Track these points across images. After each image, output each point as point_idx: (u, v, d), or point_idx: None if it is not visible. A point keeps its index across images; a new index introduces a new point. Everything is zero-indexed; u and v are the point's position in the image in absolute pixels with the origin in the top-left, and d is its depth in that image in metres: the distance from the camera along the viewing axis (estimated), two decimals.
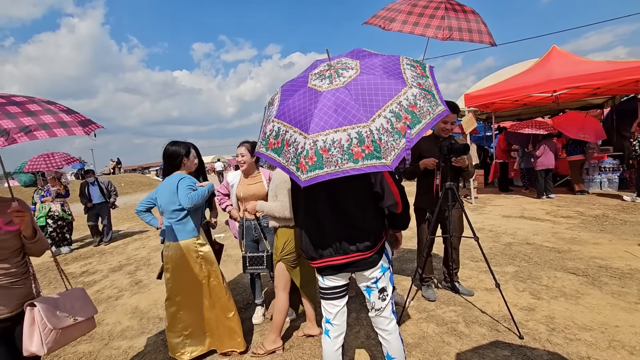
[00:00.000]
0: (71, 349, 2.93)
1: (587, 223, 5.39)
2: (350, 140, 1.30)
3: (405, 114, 1.33)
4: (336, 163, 1.30)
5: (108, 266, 5.49)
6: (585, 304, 2.88)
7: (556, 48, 7.89)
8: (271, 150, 1.47)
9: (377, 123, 1.31)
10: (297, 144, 1.37)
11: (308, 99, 1.43)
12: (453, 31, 2.91)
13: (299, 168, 1.34)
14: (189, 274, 2.40)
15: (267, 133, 1.51)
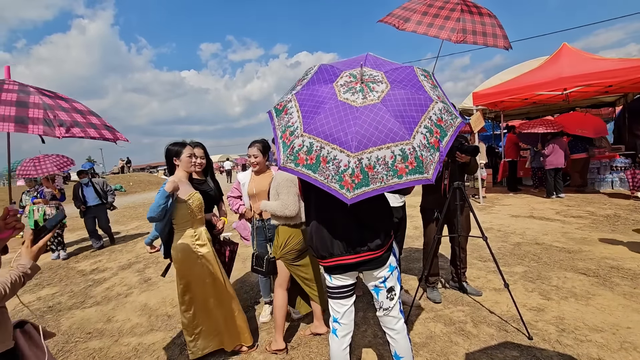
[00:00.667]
0: (82, 345, 2.98)
1: (598, 223, 5.31)
2: (395, 158, 1.33)
3: (435, 129, 1.40)
4: (382, 179, 1.32)
5: (117, 264, 5.56)
6: (596, 305, 2.84)
7: (567, 45, 7.78)
8: (302, 166, 1.41)
9: (417, 140, 1.36)
10: (339, 161, 1.34)
11: (343, 114, 1.40)
12: (467, 34, 2.89)
13: (344, 186, 1.33)
14: (193, 275, 2.42)
15: (296, 148, 1.42)
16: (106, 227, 7.00)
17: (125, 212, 12.40)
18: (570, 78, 6.71)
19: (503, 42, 3.01)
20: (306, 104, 1.49)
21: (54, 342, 3.09)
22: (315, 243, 1.76)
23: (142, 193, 21.47)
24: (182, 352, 2.73)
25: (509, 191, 9.21)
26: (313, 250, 1.80)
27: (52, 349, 2.97)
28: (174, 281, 4.28)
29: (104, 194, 6.82)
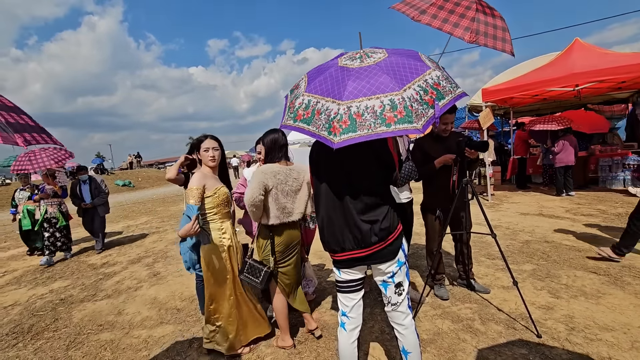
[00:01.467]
0: (94, 337, 3.05)
1: (610, 221, 5.23)
2: (383, 107, 1.36)
3: (431, 90, 1.43)
4: (369, 127, 1.35)
5: (127, 258, 5.65)
6: (606, 304, 2.81)
7: (579, 40, 7.63)
8: (299, 121, 1.49)
9: (408, 93, 1.39)
10: (330, 110, 1.41)
11: (340, 74, 1.50)
12: (479, 35, 2.89)
13: (332, 132, 1.37)
14: (217, 269, 2.44)
15: (297, 106, 1.53)
16: (98, 229, 6.28)
17: (134, 207, 12.56)
18: (583, 74, 6.59)
19: (510, 47, 3.07)
20: (312, 75, 1.63)
21: (67, 333, 3.16)
22: (326, 237, 1.77)
23: (151, 189, 21.71)
24: (191, 345, 2.77)
25: (517, 189, 9.12)
26: (324, 245, 1.81)
27: (64, 340, 3.04)
28: (182, 275, 4.37)
29: (96, 194, 6.19)
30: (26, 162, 5.62)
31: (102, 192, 6.26)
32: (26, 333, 3.25)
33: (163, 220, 9.17)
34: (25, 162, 5.63)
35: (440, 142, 2.98)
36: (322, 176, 1.74)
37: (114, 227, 8.77)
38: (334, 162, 1.69)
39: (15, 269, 5.56)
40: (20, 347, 3.00)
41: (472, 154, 2.78)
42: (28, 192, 6.11)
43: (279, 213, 2.37)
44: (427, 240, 3.23)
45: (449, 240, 4.19)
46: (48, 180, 5.75)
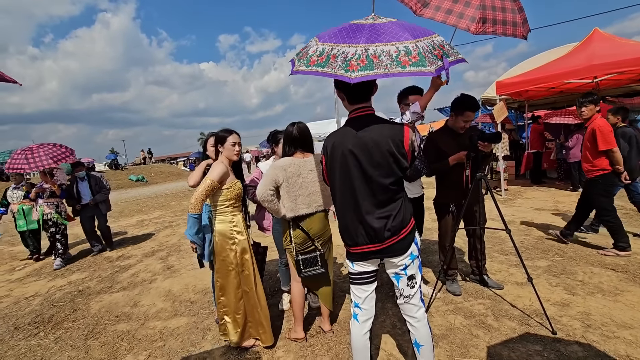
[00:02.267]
0: (111, 328, 3.13)
1: (628, 217, 5.09)
2: (399, 52, 1.45)
3: (438, 49, 1.56)
4: (385, 67, 1.41)
5: (142, 251, 5.77)
6: (624, 301, 2.74)
7: (598, 31, 7.37)
8: (313, 65, 1.52)
9: (420, 44, 1.50)
10: (347, 53, 1.47)
11: (355, 28, 1.59)
12: (487, 23, 2.75)
13: (349, 69, 1.42)
14: (225, 260, 2.47)
15: (310, 54, 1.57)
16: (104, 228, 5.98)
17: (148, 202, 12.79)
18: (602, 65, 6.37)
19: (522, 30, 2.86)
20: (324, 35, 1.67)
21: (85, 324, 3.26)
22: (341, 231, 1.79)
23: (163, 184, 22.05)
24: (204, 336, 2.82)
25: (532, 184, 8.95)
26: (342, 237, 1.83)
27: (83, 330, 3.14)
28: (195, 269, 4.44)
29: (97, 191, 5.74)
30: (22, 160, 5.11)
31: (103, 188, 5.84)
32: (47, 323, 3.36)
33: (176, 214, 9.31)
34: (21, 160, 5.11)
35: (454, 138, 2.93)
36: (336, 170, 1.73)
37: (128, 220, 8.95)
38: (348, 157, 1.68)
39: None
40: (42, 336, 3.11)
41: (485, 147, 2.73)
42: (23, 191, 5.67)
43: (294, 205, 2.38)
44: (440, 235, 3.20)
45: (461, 236, 4.15)
46: (46, 178, 5.33)
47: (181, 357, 2.58)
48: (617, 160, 3.72)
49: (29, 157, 5.11)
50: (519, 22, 2.86)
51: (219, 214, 2.46)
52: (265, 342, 2.56)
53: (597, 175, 3.85)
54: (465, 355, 2.26)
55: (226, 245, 2.44)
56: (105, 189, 5.88)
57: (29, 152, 5.15)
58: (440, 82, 2.88)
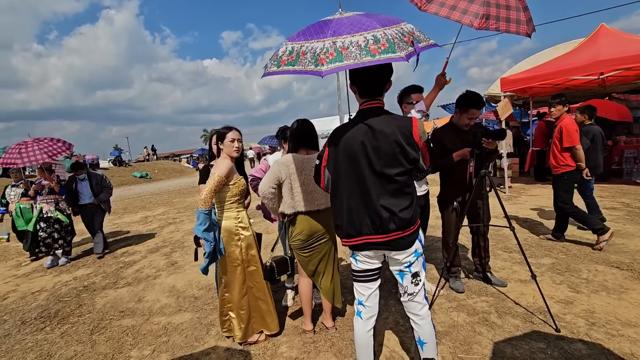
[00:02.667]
0: (116, 323, 3.16)
1: (634, 215, 5.05)
2: (367, 41, 1.45)
3: (408, 35, 1.56)
4: (355, 57, 1.41)
5: (146, 247, 5.81)
6: (629, 299, 2.73)
7: (605, 26, 7.29)
8: (284, 65, 1.52)
9: (388, 31, 1.50)
10: (315, 48, 1.47)
11: (322, 25, 1.60)
12: (490, 20, 2.74)
13: (319, 63, 1.42)
14: (230, 257, 2.48)
15: (279, 54, 1.57)
16: (97, 231, 5.50)
17: (152, 199, 12.86)
18: (608, 61, 6.30)
19: (526, 28, 2.85)
20: (293, 36, 1.66)
21: (90, 319, 3.29)
22: (344, 222, 1.74)
23: (167, 180, 22.15)
24: (208, 331, 2.84)
25: (536, 181, 8.91)
26: (339, 230, 1.80)
27: (88, 325, 3.17)
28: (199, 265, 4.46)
29: (100, 190, 5.48)
30: (16, 154, 4.86)
31: (106, 187, 5.56)
32: (53, 318, 3.40)
33: (179, 211, 9.36)
34: (14, 154, 4.87)
35: (458, 135, 2.92)
36: (344, 161, 1.72)
37: (132, 217, 9.01)
38: (356, 146, 1.68)
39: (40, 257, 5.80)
40: (48, 330, 3.14)
41: (490, 144, 2.72)
42: (22, 189, 5.46)
43: (293, 202, 2.39)
44: (444, 232, 3.19)
45: (465, 233, 4.14)
46: (44, 174, 5.17)
47: (185, 352, 2.60)
48: (580, 157, 3.98)
49: (22, 151, 4.88)
50: (523, 20, 2.84)
51: (225, 210, 2.47)
52: (272, 330, 2.62)
53: (562, 172, 4.09)
54: (468, 353, 2.26)
55: (232, 241, 2.46)
56: (108, 188, 5.61)
57: (23, 146, 4.94)
58: (444, 80, 2.87)
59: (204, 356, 2.52)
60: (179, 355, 2.56)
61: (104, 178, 5.65)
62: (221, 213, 2.48)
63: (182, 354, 2.58)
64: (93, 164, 23.27)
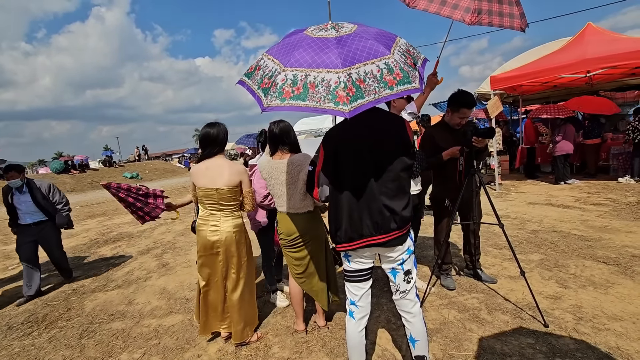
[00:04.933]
0: (106, 326, 3.12)
1: (620, 211, 5.15)
2: (381, 71, 1.39)
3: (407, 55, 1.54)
4: (374, 91, 1.36)
5: (137, 249, 5.74)
6: (615, 294, 2.78)
7: (591, 25, 7.42)
8: (290, 99, 1.36)
9: (396, 56, 1.45)
10: (329, 80, 1.34)
11: (322, 45, 1.44)
12: (482, 14, 2.69)
13: (339, 102, 1.31)
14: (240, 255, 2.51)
15: (280, 84, 1.39)
16: (59, 257, 4.28)
17: None
18: (595, 60, 6.41)
19: (520, 22, 2.79)
20: (280, 51, 1.50)
21: (79, 322, 3.24)
22: (346, 225, 1.71)
23: (158, 181, 21.91)
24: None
25: (526, 178, 9.05)
26: (337, 237, 1.76)
27: (77, 329, 3.12)
28: (191, 266, 4.43)
29: (49, 206, 4.03)
30: None
31: (60, 203, 4.13)
32: (40, 322, 3.33)
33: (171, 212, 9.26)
34: None
35: (450, 133, 2.94)
36: (345, 161, 1.71)
37: (123, 218, 8.89)
38: (358, 145, 1.68)
39: None
40: (35, 335, 3.09)
41: (479, 142, 2.74)
42: None
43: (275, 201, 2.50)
44: (435, 230, 3.22)
45: (456, 231, 4.17)
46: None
47: (176, 354, 2.57)
48: None
49: None
50: (516, 14, 2.78)
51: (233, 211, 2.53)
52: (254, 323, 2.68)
53: None
54: (459, 349, 2.28)
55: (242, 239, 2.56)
56: (62, 204, 4.15)
57: None
58: (436, 80, 2.87)
59: (195, 358, 2.50)
60: (169, 358, 2.53)
61: (53, 190, 4.14)
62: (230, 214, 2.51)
63: (173, 356, 2.55)
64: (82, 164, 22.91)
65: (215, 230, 2.46)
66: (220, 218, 2.47)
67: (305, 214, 2.42)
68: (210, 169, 2.44)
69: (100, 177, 21.93)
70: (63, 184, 18.77)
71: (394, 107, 2.92)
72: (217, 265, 2.51)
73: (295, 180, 2.35)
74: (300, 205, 2.39)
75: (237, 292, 2.52)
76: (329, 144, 1.76)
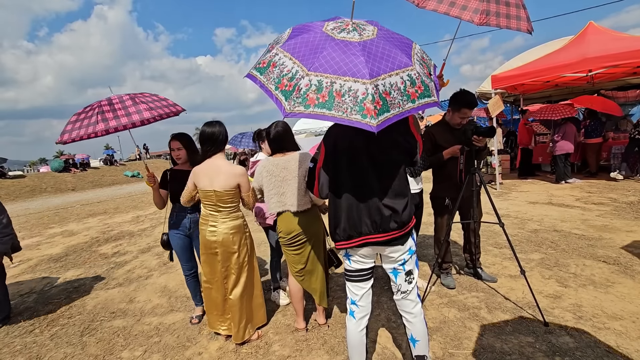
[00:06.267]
0: (107, 324, 3.13)
1: (621, 210, 5.14)
2: (405, 83, 1.38)
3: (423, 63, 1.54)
4: (399, 105, 1.35)
5: (137, 247, 5.75)
6: (615, 293, 2.78)
7: (593, 24, 7.39)
8: (314, 106, 1.31)
9: (417, 67, 1.44)
10: (356, 91, 1.30)
11: (346, 49, 1.39)
12: (490, 16, 2.72)
13: (366, 115, 1.27)
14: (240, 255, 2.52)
15: (304, 89, 1.33)
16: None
17: (143, 198, 12.73)
18: (596, 59, 6.39)
19: (526, 25, 2.82)
20: (300, 50, 1.43)
21: (81, 320, 3.26)
22: (345, 223, 1.72)
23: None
24: (200, 331, 2.83)
25: (519, 177, 9.11)
26: (336, 235, 1.77)
27: (79, 326, 3.13)
28: None
29: None
30: None
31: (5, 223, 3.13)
32: (42, 319, 3.35)
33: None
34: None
35: (451, 133, 2.94)
36: (345, 159, 1.71)
37: (124, 217, 8.91)
38: (357, 143, 1.67)
39: (30, 258, 5.71)
40: (37, 333, 3.10)
41: (480, 142, 2.74)
42: None
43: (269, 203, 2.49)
44: (436, 229, 3.22)
45: (457, 230, 4.18)
46: None
47: (177, 352, 2.58)
48: None
49: None
50: (523, 17, 2.81)
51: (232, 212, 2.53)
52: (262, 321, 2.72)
53: None
54: (459, 348, 2.29)
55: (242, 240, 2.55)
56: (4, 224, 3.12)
57: None
58: (441, 82, 2.87)
59: (195, 356, 2.51)
60: (170, 356, 2.55)
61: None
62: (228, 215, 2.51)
63: (174, 354, 2.57)
64: (83, 163, 22.95)
65: (213, 231, 2.47)
66: (217, 219, 2.48)
67: (305, 212, 2.45)
68: (209, 170, 2.45)
69: (101, 175, 21.97)
70: (64, 182, 18.82)
71: None
72: (217, 264, 2.53)
73: (294, 176, 2.38)
74: (301, 203, 2.41)
75: (236, 292, 2.53)
76: (330, 141, 1.76)
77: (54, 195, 16.55)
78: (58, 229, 8.13)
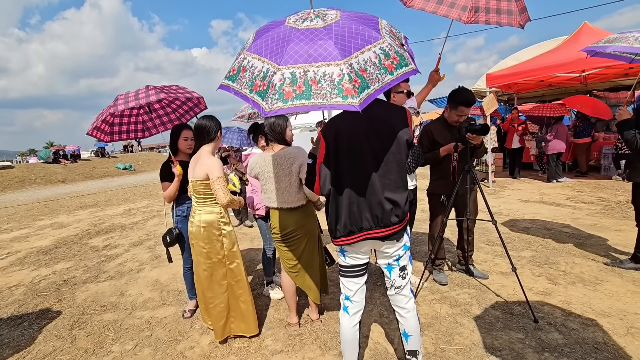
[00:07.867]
0: (97, 317, 3.10)
1: (610, 209, 5.23)
2: (379, 57, 1.35)
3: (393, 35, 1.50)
4: (377, 79, 1.32)
5: (129, 241, 5.70)
6: (604, 291, 2.83)
7: (587, 25, 7.45)
8: (292, 99, 1.27)
9: (387, 39, 1.41)
10: (331, 74, 1.28)
11: (312, 36, 1.37)
12: (479, 12, 2.65)
13: (347, 95, 1.25)
14: (211, 251, 2.44)
15: (278, 84, 1.29)
16: None
17: (135, 191, 12.60)
18: (589, 59, 6.40)
19: (519, 18, 2.74)
20: (267, 48, 1.41)
21: (70, 313, 3.22)
22: (346, 219, 1.70)
23: (151, 172, 21.72)
24: (192, 325, 2.82)
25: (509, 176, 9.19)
26: (336, 231, 1.74)
27: (68, 320, 3.10)
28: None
29: None
30: None
31: None
32: (31, 313, 3.30)
33: (164, 203, 9.20)
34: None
35: (448, 130, 2.95)
36: (346, 153, 1.69)
37: (115, 209, 8.82)
38: (359, 137, 1.66)
39: (19, 250, 5.62)
40: (26, 325, 3.06)
41: (475, 139, 2.74)
42: None
43: (265, 197, 2.49)
44: (431, 225, 3.24)
45: (450, 226, 4.21)
46: None
47: (168, 346, 2.57)
48: None
49: None
50: (515, 10, 2.71)
51: (207, 205, 2.44)
52: (250, 332, 2.55)
53: None
54: (450, 343, 2.31)
55: (212, 235, 2.42)
56: None
57: None
58: (438, 77, 2.86)
59: (187, 350, 2.50)
60: (162, 350, 2.53)
61: None
62: (203, 207, 2.45)
63: (166, 348, 2.55)
64: (74, 154, 22.60)
65: (192, 221, 2.49)
66: (195, 210, 2.48)
67: (299, 209, 2.43)
68: (194, 160, 2.48)
69: (93, 167, 21.67)
70: (54, 174, 18.53)
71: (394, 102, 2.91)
72: (197, 257, 2.51)
73: (288, 172, 2.34)
74: (294, 199, 2.38)
75: (211, 290, 2.49)
76: (329, 136, 1.72)
77: (44, 187, 16.29)
78: (48, 221, 8.01)
